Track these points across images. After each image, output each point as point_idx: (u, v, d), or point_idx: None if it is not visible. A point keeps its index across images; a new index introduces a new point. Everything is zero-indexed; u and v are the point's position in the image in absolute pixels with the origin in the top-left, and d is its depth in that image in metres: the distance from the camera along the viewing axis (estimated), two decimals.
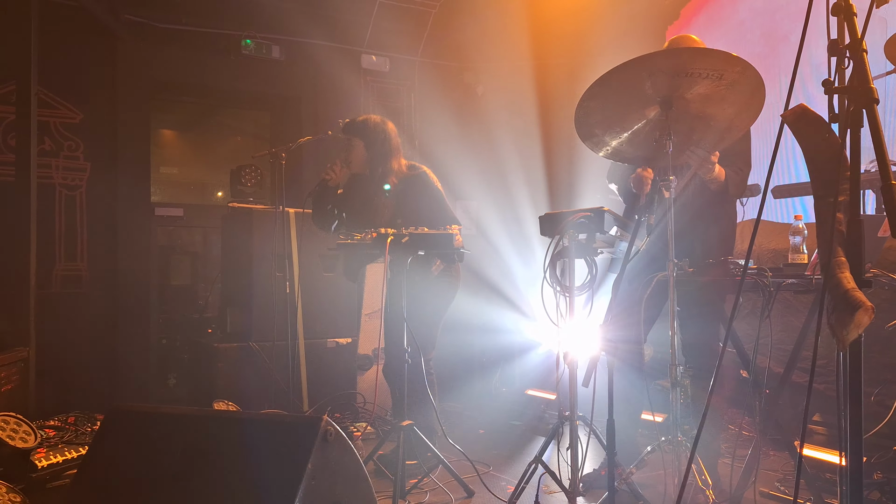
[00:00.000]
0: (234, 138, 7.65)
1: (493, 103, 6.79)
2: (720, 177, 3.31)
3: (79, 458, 3.67)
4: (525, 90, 6.52)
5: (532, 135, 6.53)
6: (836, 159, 1.72)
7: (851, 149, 1.67)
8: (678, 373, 2.88)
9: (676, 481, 2.82)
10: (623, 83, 2.74)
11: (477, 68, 7.05)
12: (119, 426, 2.51)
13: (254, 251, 5.00)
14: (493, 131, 6.62)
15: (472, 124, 6.78)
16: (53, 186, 5.60)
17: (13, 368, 4.37)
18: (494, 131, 6.62)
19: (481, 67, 7.02)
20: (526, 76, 6.54)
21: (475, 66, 7.05)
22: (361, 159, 4.16)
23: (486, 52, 6.79)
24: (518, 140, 6.58)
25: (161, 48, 6.01)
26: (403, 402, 3.68)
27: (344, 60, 6.65)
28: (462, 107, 6.96)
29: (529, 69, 6.56)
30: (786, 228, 3.43)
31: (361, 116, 4.25)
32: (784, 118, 1.82)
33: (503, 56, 6.68)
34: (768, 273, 2.86)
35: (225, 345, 4.84)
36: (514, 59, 6.60)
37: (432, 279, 4.00)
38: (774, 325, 3.00)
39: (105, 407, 2.78)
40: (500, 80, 6.86)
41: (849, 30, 1.71)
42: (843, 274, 1.65)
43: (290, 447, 2.22)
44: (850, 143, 1.67)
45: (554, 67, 6.39)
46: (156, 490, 2.28)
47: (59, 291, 5.59)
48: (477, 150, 6.52)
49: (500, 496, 3.56)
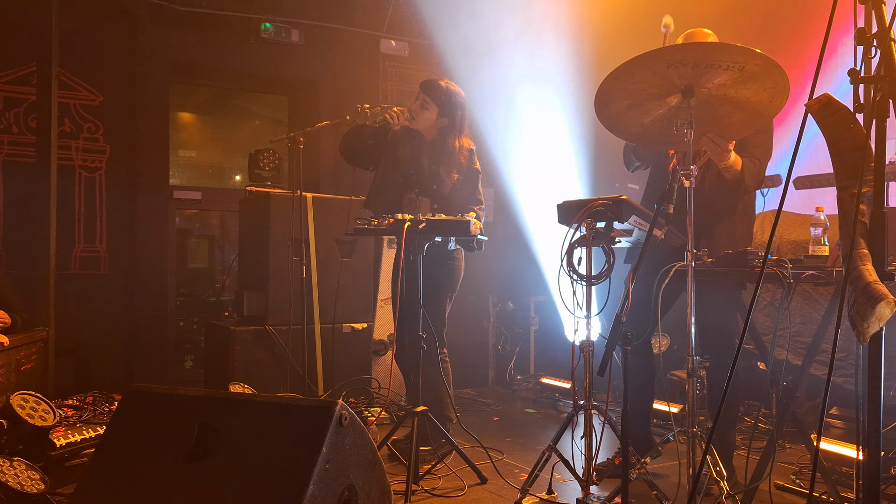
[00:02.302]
0: (253, 122, 7.66)
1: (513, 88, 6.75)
2: (736, 165, 3.27)
3: (97, 437, 3.71)
4: (546, 75, 6.48)
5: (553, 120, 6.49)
6: (860, 150, 1.70)
7: (876, 139, 1.64)
8: (694, 364, 2.86)
9: (691, 472, 2.81)
10: (644, 72, 2.71)
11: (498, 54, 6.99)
12: (136, 407, 2.54)
13: (271, 235, 5.00)
14: (514, 117, 6.58)
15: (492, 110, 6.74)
16: (73, 168, 5.63)
17: (33, 348, 4.42)
18: (516, 117, 6.58)
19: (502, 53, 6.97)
20: (547, 60, 6.49)
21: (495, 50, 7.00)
22: (429, 122, 4.07)
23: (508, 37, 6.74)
24: (539, 125, 6.54)
25: (181, 31, 6.01)
26: (418, 388, 3.68)
27: (363, 45, 6.63)
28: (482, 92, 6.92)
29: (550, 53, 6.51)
30: (807, 220, 3.40)
31: (444, 81, 4.14)
32: (808, 107, 1.79)
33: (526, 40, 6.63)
34: (788, 264, 2.83)
35: (241, 328, 4.86)
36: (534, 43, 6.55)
37: (436, 266, 3.99)
38: (794, 317, 2.98)
39: (123, 387, 2.80)
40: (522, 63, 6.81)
41: (877, 18, 1.68)
42: (865, 266, 1.63)
43: (305, 431, 2.23)
44: (875, 134, 1.64)
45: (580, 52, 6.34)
46: (171, 470, 2.30)
47: (78, 273, 5.62)
48: (496, 135, 6.49)
49: (513, 483, 3.56)
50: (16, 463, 2.94)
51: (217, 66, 6.35)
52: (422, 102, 4.07)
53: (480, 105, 6.20)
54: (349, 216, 4.15)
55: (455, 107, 4.07)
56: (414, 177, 4.03)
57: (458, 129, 4.07)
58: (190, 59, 6.17)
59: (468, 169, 4.08)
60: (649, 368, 3.72)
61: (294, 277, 4.89)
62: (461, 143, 4.07)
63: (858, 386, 2.61)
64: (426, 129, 4.09)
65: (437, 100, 4.05)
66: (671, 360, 4.93)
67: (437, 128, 4.07)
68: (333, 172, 6.35)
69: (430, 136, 4.09)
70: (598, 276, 3.07)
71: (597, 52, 5.79)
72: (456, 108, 4.07)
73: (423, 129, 4.10)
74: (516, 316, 6.63)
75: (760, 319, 4.57)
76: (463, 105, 4.10)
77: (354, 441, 2.33)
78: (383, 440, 3.88)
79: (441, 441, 3.84)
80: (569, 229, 3.10)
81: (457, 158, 4.04)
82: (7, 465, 2.91)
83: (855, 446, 2.94)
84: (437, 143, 4.05)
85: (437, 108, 4.05)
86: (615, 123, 3.00)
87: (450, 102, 4.06)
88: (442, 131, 4.06)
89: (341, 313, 5.17)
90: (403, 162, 4.09)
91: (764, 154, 3.44)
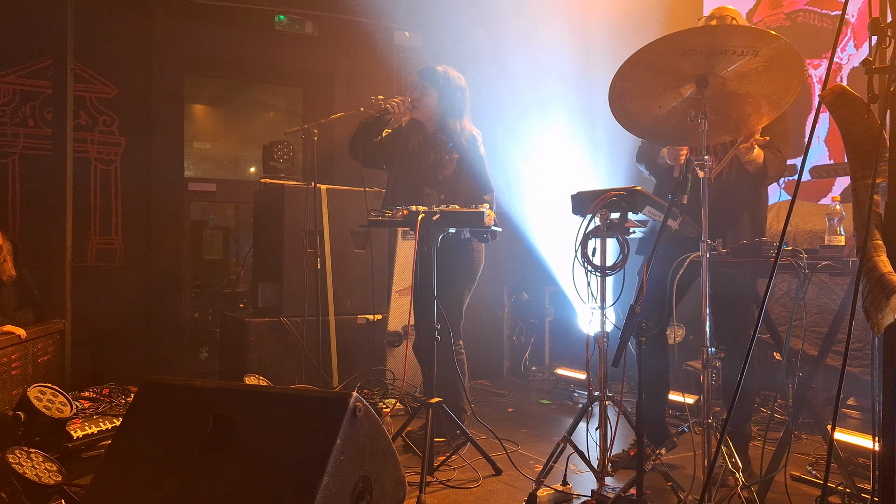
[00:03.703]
0: (267, 114, 7.68)
1: (526, 80, 6.72)
2: (758, 158, 3.26)
3: (113, 428, 3.74)
4: (561, 66, 6.45)
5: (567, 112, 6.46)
6: (874, 140, 1.68)
7: (891, 129, 1.63)
8: (709, 354, 2.85)
9: (706, 463, 2.80)
10: (657, 61, 2.69)
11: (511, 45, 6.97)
12: (152, 398, 2.56)
13: (285, 227, 5.02)
14: (527, 109, 6.56)
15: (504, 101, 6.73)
16: (89, 161, 5.67)
17: (49, 340, 4.46)
18: (528, 109, 6.55)
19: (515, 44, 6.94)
20: (562, 52, 6.46)
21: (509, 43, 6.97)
22: (430, 109, 4.07)
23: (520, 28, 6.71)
24: (553, 118, 6.52)
25: (195, 24, 6.03)
26: (433, 379, 3.68)
27: (377, 36, 6.62)
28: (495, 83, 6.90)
29: (566, 45, 6.48)
30: (823, 209, 3.37)
31: (441, 66, 4.13)
32: (822, 98, 1.78)
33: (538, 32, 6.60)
34: (803, 255, 2.81)
35: (256, 319, 4.88)
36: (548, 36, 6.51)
37: (455, 257, 3.98)
38: (809, 308, 2.96)
39: (138, 379, 2.82)
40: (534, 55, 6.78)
41: (891, 7, 1.66)
42: (880, 257, 1.62)
43: (320, 422, 2.24)
44: (889, 124, 1.63)
45: (591, 44, 6.30)
46: (187, 461, 2.32)
47: (94, 265, 5.67)
48: (511, 126, 6.47)
49: (527, 475, 3.57)
50: (33, 455, 2.97)
51: (231, 59, 6.37)
52: (421, 89, 4.07)
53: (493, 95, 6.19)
54: (364, 207, 4.15)
55: (455, 90, 4.07)
56: (424, 170, 4.03)
57: (458, 110, 4.07)
58: (204, 51, 6.19)
59: (469, 150, 4.05)
60: (664, 359, 3.71)
61: (308, 269, 4.90)
62: (462, 125, 4.06)
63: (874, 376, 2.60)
64: (429, 119, 4.10)
65: (437, 84, 4.06)
66: (686, 350, 4.92)
67: (438, 114, 4.07)
68: (347, 164, 6.35)
69: (432, 127, 4.10)
70: (612, 267, 3.06)
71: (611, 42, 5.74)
72: (455, 91, 4.07)
73: (426, 119, 4.11)
74: (531, 306, 6.63)
75: (776, 310, 4.55)
76: (462, 88, 4.10)
77: (369, 432, 2.34)
78: (398, 431, 3.89)
79: (456, 432, 3.85)
80: (583, 220, 3.09)
81: (457, 140, 4.03)
82: (25, 456, 2.94)
83: (871, 437, 2.92)
84: (439, 131, 4.05)
85: (437, 94, 4.05)
86: (629, 117, 2.97)
87: (449, 86, 4.06)
88: (443, 116, 4.06)
89: (355, 305, 5.19)
90: (413, 157, 4.09)
91: (783, 143, 3.41)
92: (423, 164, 4.05)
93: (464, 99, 4.10)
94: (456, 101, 4.07)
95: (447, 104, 4.06)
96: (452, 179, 4.01)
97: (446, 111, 4.06)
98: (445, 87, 4.06)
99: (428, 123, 4.11)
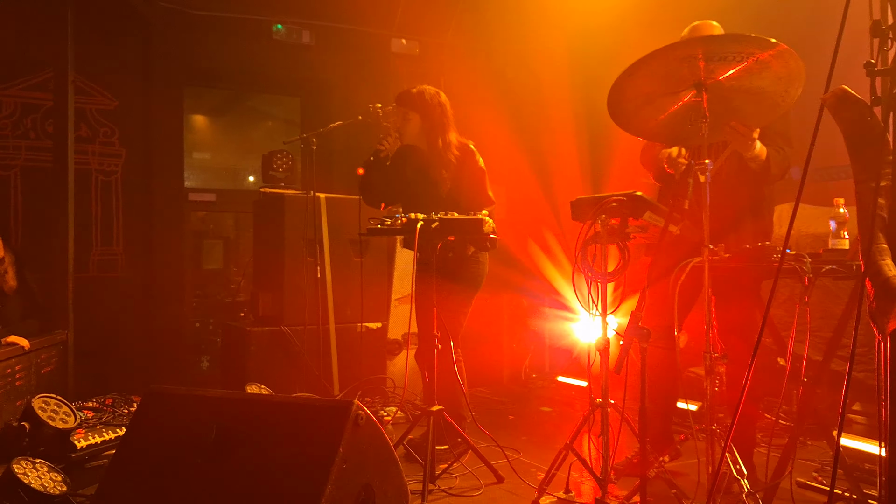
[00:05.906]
0: (266, 123, 7.69)
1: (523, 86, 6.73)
2: (761, 155, 3.21)
3: (117, 438, 3.73)
4: (557, 73, 6.45)
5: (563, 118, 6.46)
6: (877, 143, 1.68)
7: (894, 132, 1.62)
8: (712, 360, 2.84)
9: (710, 470, 2.79)
10: (656, 69, 2.69)
11: (507, 51, 6.97)
12: (155, 408, 2.55)
13: (285, 236, 5.02)
14: (523, 115, 6.56)
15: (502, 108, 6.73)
16: (90, 172, 5.67)
17: (52, 351, 4.45)
18: (525, 115, 6.55)
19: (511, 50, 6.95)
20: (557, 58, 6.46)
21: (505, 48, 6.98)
22: (416, 131, 4.10)
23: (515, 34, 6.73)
24: (549, 124, 6.52)
25: (194, 35, 6.04)
26: (433, 387, 3.67)
27: (374, 45, 6.64)
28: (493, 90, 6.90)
29: (561, 51, 6.48)
30: (826, 213, 3.36)
31: (415, 88, 4.15)
32: (824, 101, 1.77)
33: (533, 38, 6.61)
34: (807, 258, 2.80)
35: (257, 328, 4.87)
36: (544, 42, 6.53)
37: (459, 266, 3.98)
38: (813, 313, 2.94)
39: (141, 388, 2.82)
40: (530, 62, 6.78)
41: (892, 10, 1.66)
42: (885, 261, 1.61)
43: (322, 431, 2.23)
44: (892, 127, 1.63)
45: (586, 51, 6.31)
46: (190, 470, 2.31)
47: (95, 275, 5.67)
48: (508, 133, 6.47)
49: (530, 482, 3.55)
50: (38, 465, 2.96)
51: (230, 69, 6.38)
52: (402, 116, 4.12)
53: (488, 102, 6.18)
54: (362, 216, 4.15)
55: (432, 107, 4.08)
56: (425, 190, 4.04)
57: (440, 126, 4.07)
58: (203, 62, 6.21)
59: (464, 165, 4.07)
60: (670, 366, 3.68)
61: (308, 278, 4.90)
62: (448, 139, 4.06)
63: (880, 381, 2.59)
64: (419, 141, 4.13)
65: (415, 107, 4.09)
66: (689, 356, 4.90)
67: (425, 134, 4.10)
68: (346, 173, 6.35)
69: (424, 146, 4.12)
70: (613, 274, 3.05)
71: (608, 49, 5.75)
72: (433, 108, 4.08)
73: (417, 142, 4.13)
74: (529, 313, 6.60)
75: (779, 315, 4.53)
76: (440, 104, 4.11)
77: (371, 440, 2.33)
78: (399, 439, 3.88)
79: (457, 440, 3.84)
80: (583, 226, 3.08)
81: (446, 156, 4.04)
82: (30, 466, 2.93)
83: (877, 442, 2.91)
84: (438, 146, 4.06)
85: (418, 116, 4.08)
86: (629, 121, 2.97)
87: (426, 104, 4.08)
88: (429, 135, 4.07)
89: (355, 313, 5.18)
90: (414, 180, 4.11)
91: (785, 142, 3.38)
92: (424, 184, 4.07)
93: (444, 114, 4.11)
94: (436, 117, 4.08)
95: (429, 123, 4.08)
96: (454, 194, 4.01)
97: (433, 128, 4.08)
98: (423, 107, 4.08)
99: (420, 144, 4.14)
